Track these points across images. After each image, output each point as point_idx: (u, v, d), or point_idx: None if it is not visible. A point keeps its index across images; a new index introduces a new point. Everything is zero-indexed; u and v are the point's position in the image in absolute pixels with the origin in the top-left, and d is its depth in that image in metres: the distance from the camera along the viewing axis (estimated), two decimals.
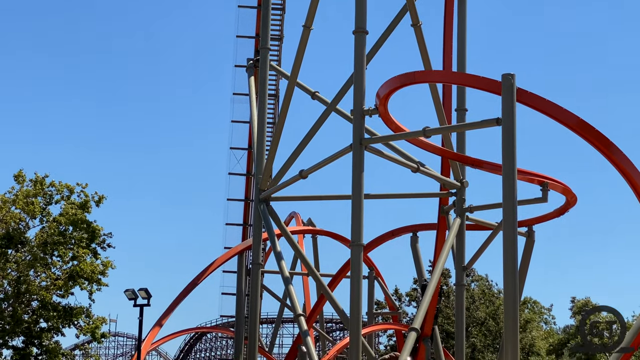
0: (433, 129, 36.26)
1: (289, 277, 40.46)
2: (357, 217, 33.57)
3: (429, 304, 38.23)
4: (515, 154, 29.37)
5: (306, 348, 37.95)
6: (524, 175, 38.20)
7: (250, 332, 43.47)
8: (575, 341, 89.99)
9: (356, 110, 34.94)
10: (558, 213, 42.15)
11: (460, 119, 42.27)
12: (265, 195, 41.68)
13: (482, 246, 42.13)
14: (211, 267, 51.71)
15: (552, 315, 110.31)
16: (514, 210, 28.89)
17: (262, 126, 45.06)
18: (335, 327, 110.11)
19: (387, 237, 51.58)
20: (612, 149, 32.34)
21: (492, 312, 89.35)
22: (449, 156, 40.53)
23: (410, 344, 35.50)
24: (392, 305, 63.53)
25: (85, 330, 45.80)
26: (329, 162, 37.66)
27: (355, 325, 33.04)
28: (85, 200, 47.33)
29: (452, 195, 41.67)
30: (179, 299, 51.50)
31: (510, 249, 28.74)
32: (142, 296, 39.39)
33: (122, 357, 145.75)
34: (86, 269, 45.65)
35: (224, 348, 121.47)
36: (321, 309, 52.08)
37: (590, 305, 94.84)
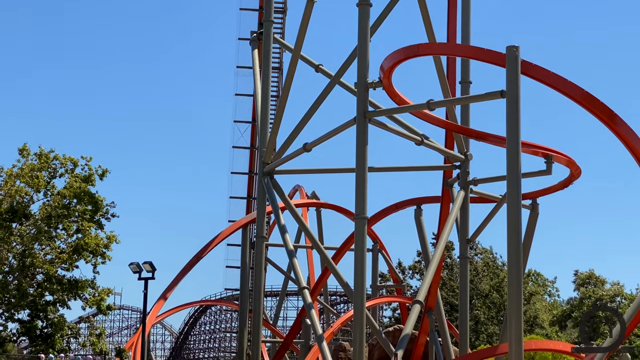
0: (437, 101, 36.22)
1: (293, 250, 40.57)
2: (361, 190, 33.60)
3: (432, 277, 38.33)
4: (519, 126, 29.37)
5: (310, 321, 38.11)
6: (528, 147, 38.18)
7: (254, 305, 43.61)
8: (578, 313, 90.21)
9: (360, 83, 34.88)
10: (562, 185, 42.15)
11: (465, 92, 42.17)
12: (269, 169, 41.70)
13: (486, 219, 42.17)
14: (215, 240, 51.81)
15: (556, 288, 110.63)
16: (518, 183, 28.93)
17: (266, 99, 45.00)
18: (340, 300, 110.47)
19: (391, 210, 51.56)
20: (616, 120, 32.30)
21: (496, 284, 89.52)
22: (453, 129, 40.47)
23: (414, 317, 35.63)
24: (396, 278, 63.64)
25: (90, 303, 45.88)
26: (333, 135, 37.66)
27: (359, 298, 33.14)
28: (89, 173, 47.32)
29: (456, 168, 41.65)
30: (184, 272, 51.65)
31: (514, 222, 28.81)
32: (146, 269, 39.42)
33: (127, 330, 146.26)
34: (91, 242, 45.70)
35: (228, 321, 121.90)
36: (325, 281, 52.15)
37: (594, 278, 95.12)
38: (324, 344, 35.47)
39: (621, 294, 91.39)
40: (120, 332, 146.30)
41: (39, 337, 45.64)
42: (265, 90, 44.97)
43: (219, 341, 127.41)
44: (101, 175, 47.81)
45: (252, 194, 59.92)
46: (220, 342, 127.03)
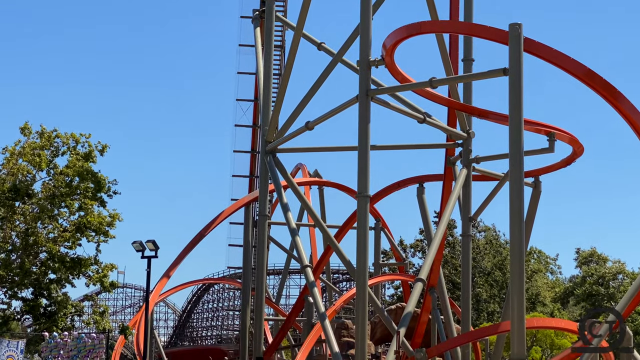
0: (440, 79, 36.16)
1: (295, 228, 40.59)
2: (363, 169, 33.57)
3: (435, 255, 38.37)
4: (522, 104, 29.32)
5: (313, 299, 38.18)
6: (531, 125, 38.10)
7: (257, 284, 43.69)
8: (580, 290, 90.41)
9: (362, 61, 34.79)
10: (565, 163, 42.08)
11: (467, 70, 42.05)
12: (271, 147, 41.68)
13: (488, 197, 42.16)
14: (218, 218, 51.86)
15: (558, 265, 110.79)
16: (521, 161, 28.91)
17: (268, 78, 44.91)
18: (342, 278, 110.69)
19: (394, 188, 51.56)
20: (619, 97, 32.23)
21: (498, 262, 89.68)
22: (456, 107, 40.39)
23: (417, 295, 35.69)
24: (399, 256, 63.72)
25: (94, 280, 46.02)
26: (335, 114, 37.59)
27: (361, 276, 33.19)
28: (89, 150, 47.30)
29: (458, 146, 41.60)
30: (186, 251, 51.72)
31: (517, 200, 28.79)
32: (149, 248, 39.48)
33: (131, 308, 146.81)
34: (93, 221, 45.78)
35: (231, 299, 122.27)
36: (328, 260, 52.24)
37: (596, 255, 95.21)
38: (327, 322, 35.56)
39: (623, 271, 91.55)
40: (123, 311, 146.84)
41: (43, 315, 45.86)
42: (267, 69, 44.88)
43: (222, 319, 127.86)
44: (101, 150, 47.81)
45: (255, 173, 59.94)
46: (223, 320, 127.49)
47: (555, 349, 70.43)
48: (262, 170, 43.07)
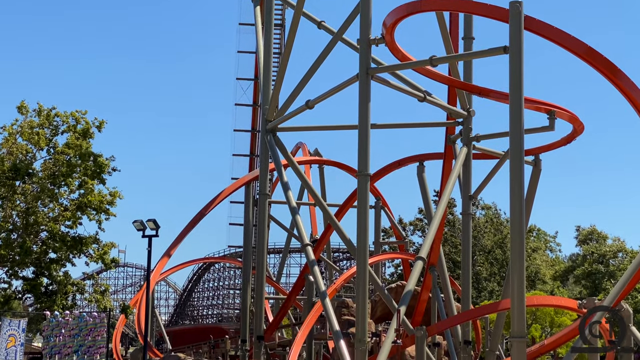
0: (440, 57, 36.10)
1: (296, 207, 40.64)
2: (363, 147, 33.56)
3: (435, 234, 38.42)
4: (522, 82, 29.26)
5: (313, 277, 38.28)
6: (531, 103, 38.04)
7: (258, 262, 43.78)
8: (580, 270, 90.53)
9: (362, 40, 34.72)
10: (565, 141, 42.04)
11: (467, 48, 42.01)
12: (271, 126, 41.66)
13: (488, 175, 42.17)
14: (218, 197, 51.93)
15: (558, 243, 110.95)
16: (521, 139, 28.88)
17: (269, 56, 44.84)
18: (342, 257, 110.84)
19: (394, 166, 51.57)
20: (619, 75, 32.17)
21: (499, 240, 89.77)
22: (456, 85, 40.34)
23: (417, 273, 35.75)
24: (399, 235, 63.79)
25: (95, 258, 46.05)
26: (336, 92, 37.53)
27: (362, 254, 33.24)
28: (86, 127, 47.18)
29: (458, 124, 41.57)
30: (187, 230, 51.82)
31: (517, 178, 28.79)
32: (150, 227, 39.52)
33: (132, 287, 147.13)
34: (94, 200, 45.78)
35: (231, 278, 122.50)
36: (328, 238, 52.32)
37: (596, 233, 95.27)
38: (327, 301, 35.65)
39: (623, 249, 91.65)
40: (124, 290, 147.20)
41: (44, 294, 45.93)
42: (267, 47, 44.79)
43: (223, 298, 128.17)
44: (98, 127, 47.71)
45: (255, 152, 59.93)
46: (223, 298, 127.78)
47: (555, 327, 70.64)
48: (263, 149, 43.07)
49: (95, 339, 37.84)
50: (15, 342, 38.65)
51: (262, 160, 43.52)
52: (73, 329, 38.47)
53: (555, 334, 48.47)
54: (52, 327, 39.64)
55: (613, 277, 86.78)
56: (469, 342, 41.62)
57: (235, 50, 59.33)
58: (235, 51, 59.21)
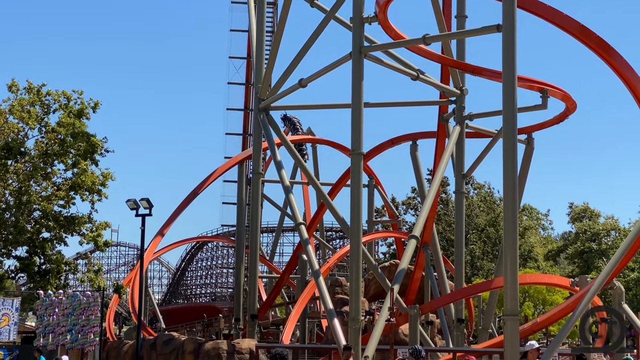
0: (433, 36, 36.03)
1: (289, 186, 40.62)
2: (357, 126, 33.50)
3: (428, 212, 38.47)
4: (515, 60, 29.17)
5: (307, 256, 38.30)
6: (524, 82, 38.05)
7: (251, 241, 43.82)
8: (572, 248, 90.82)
9: (355, 18, 34.60)
10: (558, 120, 42.10)
11: (460, 26, 41.96)
12: (265, 105, 41.58)
13: (481, 154, 42.23)
14: (211, 176, 51.92)
15: (550, 221, 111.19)
16: (514, 117, 28.83)
17: (261, 35, 44.72)
18: (335, 236, 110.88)
19: (387, 145, 51.63)
20: (612, 53, 32.20)
21: (492, 219, 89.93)
22: (449, 63, 40.29)
23: (410, 252, 35.81)
24: (392, 214, 63.88)
25: (88, 238, 45.95)
26: (329, 71, 37.46)
27: (355, 233, 33.25)
28: (81, 107, 46.97)
29: (451, 103, 41.58)
30: (180, 209, 51.86)
31: (510, 156, 28.76)
32: (143, 206, 39.44)
33: (125, 266, 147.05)
34: (87, 180, 45.64)
35: (224, 257, 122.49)
36: (321, 217, 52.40)
37: (589, 211, 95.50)
38: (321, 279, 35.69)
39: (616, 227, 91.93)
40: (117, 269, 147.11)
41: (37, 273, 45.87)
42: (260, 26, 44.68)
43: (216, 277, 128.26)
44: (93, 107, 47.52)
45: (248, 131, 59.93)
46: (217, 277, 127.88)
47: (547, 305, 70.94)
48: (256, 128, 43.01)
49: (89, 318, 37.82)
50: (8, 321, 38.68)
51: (255, 139, 43.46)
52: (67, 308, 38.45)
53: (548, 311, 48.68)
54: (45, 307, 39.65)
55: (605, 256, 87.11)
56: (462, 320, 41.79)
57: (228, 29, 59.32)
58: (228, 30, 59.18)
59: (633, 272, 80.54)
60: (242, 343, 39.51)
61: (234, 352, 38.63)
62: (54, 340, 38.18)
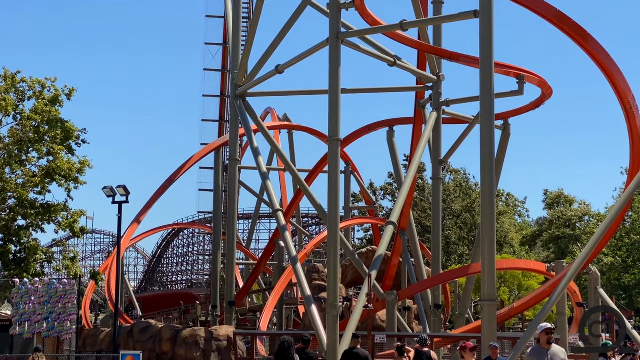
0: (411, 22, 36.01)
1: (266, 172, 40.53)
2: (334, 112, 33.42)
3: (405, 198, 38.52)
4: (492, 46, 29.12)
5: (284, 243, 38.27)
6: (501, 68, 38.09)
7: (228, 228, 43.73)
8: (548, 234, 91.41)
9: (333, 4, 34.46)
10: (534, 106, 42.21)
11: (437, 12, 41.98)
12: (241, 91, 41.43)
13: (458, 139, 42.35)
14: (188, 163, 51.77)
15: (526, 208, 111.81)
16: (492, 103, 28.83)
17: (237, 21, 44.52)
18: (311, 222, 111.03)
19: (364, 131, 51.64)
20: (588, 39, 32.27)
21: (468, 205, 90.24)
22: (426, 49, 40.31)
23: (388, 238, 35.87)
24: (369, 200, 63.97)
25: (64, 226, 45.65)
26: (306, 57, 37.32)
27: (333, 219, 33.20)
28: (55, 94, 46.60)
29: (428, 89, 41.63)
30: (157, 196, 51.70)
31: (488, 142, 28.76)
32: (120, 193, 39.20)
33: (100, 254, 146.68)
34: (63, 166, 45.30)
35: (201, 244, 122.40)
36: (298, 204, 52.38)
37: (564, 197, 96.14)
38: (299, 266, 35.68)
39: (588, 213, 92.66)
40: (92, 256, 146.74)
41: (13, 261, 45.55)
42: (236, 12, 44.49)
43: (192, 264, 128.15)
44: (68, 95, 47.17)
45: (224, 117, 59.77)
46: (193, 264, 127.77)
47: (522, 290, 71.31)
48: (232, 114, 42.88)
49: (65, 306, 37.56)
50: None
51: (232, 125, 43.33)
52: (43, 296, 38.16)
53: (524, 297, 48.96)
54: (21, 295, 39.33)
55: (579, 241, 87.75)
56: (440, 306, 41.94)
57: (204, 15, 59.09)
58: (204, 16, 58.96)
59: (607, 257, 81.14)
60: (220, 330, 39.49)
61: (211, 339, 38.61)
62: (30, 328, 37.89)
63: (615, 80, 32.52)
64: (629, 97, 32.64)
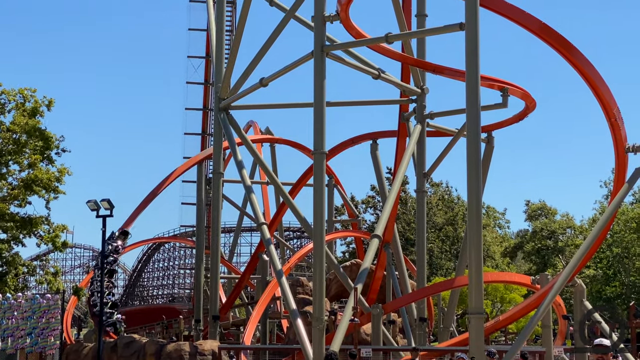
0: (396, 34, 36.00)
1: (250, 185, 40.35)
2: (319, 125, 33.30)
3: (390, 211, 38.43)
4: (478, 59, 29.12)
5: (269, 256, 38.07)
6: (485, 80, 38.10)
7: (212, 242, 43.45)
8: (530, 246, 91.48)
9: (317, 16, 34.36)
10: (517, 118, 42.32)
11: (421, 25, 42.02)
12: (225, 104, 41.28)
13: (442, 152, 42.34)
14: (171, 177, 51.45)
15: (507, 220, 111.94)
16: (478, 116, 28.79)
17: (221, 34, 44.43)
18: (293, 236, 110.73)
19: (348, 144, 51.59)
20: (573, 52, 32.38)
21: (450, 217, 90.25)
22: (410, 62, 40.31)
23: (373, 251, 35.74)
24: (352, 213, 63.86)
25: (45, 240, 45.27)
26: (290, 70, 37.18)
27: (318, 233, 33.04)
28: (35, 105, 46.28)
29: (412, 102, 41.63)
30: (139, 210, 51.32)
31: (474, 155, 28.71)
32: (104, 207, 38.98)
33: (80, 268, 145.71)
34: (42, 176, 44.96)
35: (182, 258, 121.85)
36: (282, 217, 52.21)
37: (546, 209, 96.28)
38: (284, 279, 35.47)
39: (572, 225, 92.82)
40: (72, 271, 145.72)
41: None
42: (219, 25, 44.41)
43: (173, 278, 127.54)
44: (48, 105, 46.86)
45: (207, 130, 59.55)
46: (174, 278, 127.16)
47: (505, 303, 71.30)
48: (216, 127, 42.71)
49: (49, 321, 37.32)
50: None
51: (215, 139, 43.14)
52: (26, 311, 37.90)
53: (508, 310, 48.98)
54: (4, 310, 39.06)
55: (561, 253, 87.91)
56: (424, 319, 41.83)
57: (187, 28, 58.93)
58: (187, 29, 58.79)
59: (589, 269, 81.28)
60: (204, 344, 39.22)
61: (196, 353, 38.34)
62: (13, 344, 37.62)
63: (600, 92, 32.63)
64: (613, 110, 32.73)
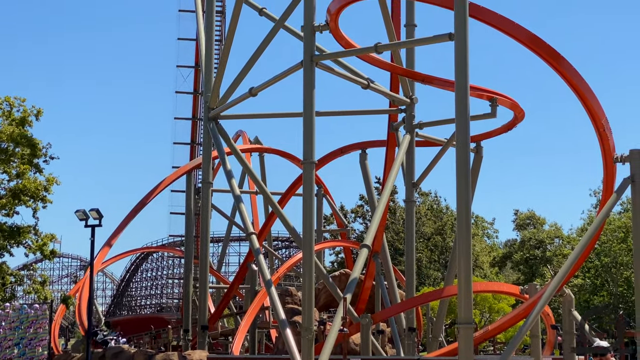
0: (386, 44, 36.08)
1: (239, 195, 40.30)
2: (309, 135, 33.35)
3: (379, 221, 38.43)
4: (467, 69, 29.17)
5: (258, 266, 38.02)
6: (474, 90, 38.12)
7: (201, 252, 43.36)
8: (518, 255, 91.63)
9: (307, 26, 34.45)
10: (506, 128, 42.40)
11: (410, 35, 42.10)
12: (214, 114, 41.27)
13: (431, 162, 42.35)
14: (159, 186, 51.34)
15: (496, 229, 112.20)
16: (467, 126, 28.80)
17: (210, 43, 44.40)
18: (281, 245, 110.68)
19: (337, 154, 51.59)
20: (562, 62, 32.40)
21: (439, 227, 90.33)
22: (399, 72, 40.38)
23: (362, 261, 35.72)
24: (341, 223, 63.84)
25: (33, 249, 45.15)
26: (280, 79, 37.28)
27: (308, 242, 33.04)
28: (24, 114, 46.20)
29: (401, 111, 41.67)
30: (128, 219, 51.20)
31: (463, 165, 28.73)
32: (93, 217, 38.81)
33: (67, 278, 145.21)
34: (29, 186, 44.84)
35: (170, 267, 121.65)
36: (271, 227, 52.17)
37: (535, 219, 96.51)
38: (273, 289, 35.41)
39: (560, 235, 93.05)
40: (60, 280, 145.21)
41: None
42: (209, 34, 44.36)
43: (161, 287, 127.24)
44: (36, 115, 46.78)
45: (196, 140, 59.54)
46: (162, 288, 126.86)
47: (493, 313, 71.39)
48: (205, 137, 42.67)
49: (37, 331, 37.19)
50: None
51: (205, 148, 43.09)
52: (14, 322, 37.76)
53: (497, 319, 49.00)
54: None
55: (549, 262, 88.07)
56: (414, 329, 41.81)
57: (176, 38, 58.93)
58: (176, 38, 58.80)
59: (576, 279, 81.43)
60: (193, 355, 39.06)
61: None
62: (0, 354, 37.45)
63: (588, 102, 32.66)
64: (602, 120, 32.77)
